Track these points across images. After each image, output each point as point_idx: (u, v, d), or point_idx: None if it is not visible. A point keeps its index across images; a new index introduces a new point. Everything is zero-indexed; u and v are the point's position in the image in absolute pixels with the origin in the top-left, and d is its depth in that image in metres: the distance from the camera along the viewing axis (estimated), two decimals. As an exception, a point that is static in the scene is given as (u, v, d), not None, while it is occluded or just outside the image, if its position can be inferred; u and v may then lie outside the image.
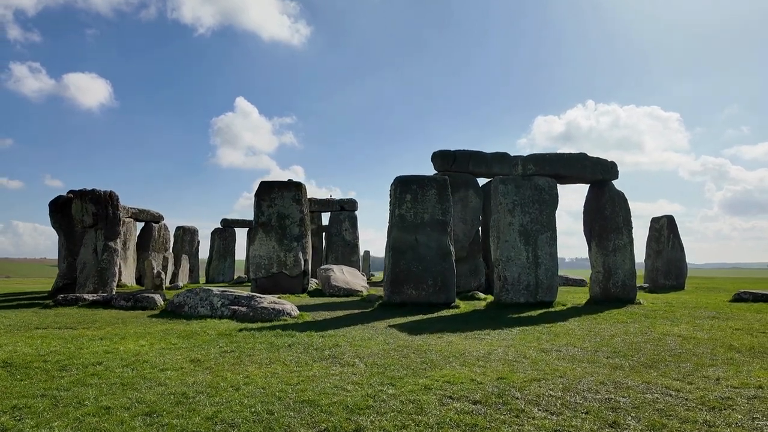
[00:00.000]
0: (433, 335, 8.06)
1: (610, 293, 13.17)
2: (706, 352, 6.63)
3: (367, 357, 6.31)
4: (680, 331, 8.28)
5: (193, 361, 6.12)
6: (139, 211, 23.97)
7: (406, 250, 12.47)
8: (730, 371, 5.46)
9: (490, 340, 7.59)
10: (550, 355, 6.41)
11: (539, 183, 12.84)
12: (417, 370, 5.56)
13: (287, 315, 10.41)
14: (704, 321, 9.62)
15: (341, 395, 4.57)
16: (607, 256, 13.33)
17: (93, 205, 14.96)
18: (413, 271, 12.39)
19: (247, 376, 5.34)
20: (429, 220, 12.61)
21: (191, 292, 11.53)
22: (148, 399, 4.54)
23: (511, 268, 12.43)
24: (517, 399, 4.41)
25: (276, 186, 17.83)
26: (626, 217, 13.57)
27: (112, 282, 14.93)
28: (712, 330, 8.46)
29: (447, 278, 12.49)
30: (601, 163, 13.55)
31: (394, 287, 12.41)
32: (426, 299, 12.32)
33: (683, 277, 20.60)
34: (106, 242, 14.99)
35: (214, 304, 10.97)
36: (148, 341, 7.50)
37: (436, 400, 4.38)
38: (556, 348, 6.86)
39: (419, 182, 12.73)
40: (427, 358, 6.20)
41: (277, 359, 6.20)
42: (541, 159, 12.96)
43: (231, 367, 5.83)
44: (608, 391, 4.61)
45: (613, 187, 13.74)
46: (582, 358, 6.22)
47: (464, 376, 5.22)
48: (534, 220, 12.64)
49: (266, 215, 17.59)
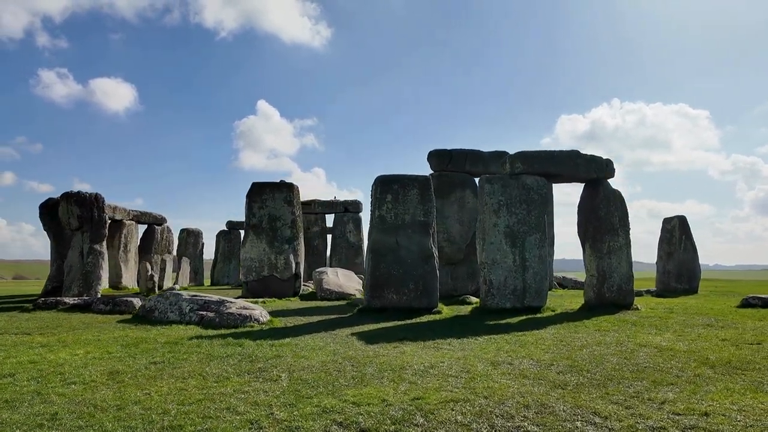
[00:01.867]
0: (391, 344, 7.55)
1: (604, 298, 12.43)
2: (674, 367, 5.99)
3: (299, 370, 5.85)
4: (660, 342, 7.61)
5: (112, 374, 5.74)
6: (141, 213, 23.95)
7: (386, 253, 11.97)
8: (685, 392, 4.83)
9: (446, 351, 7.05)
10: (498, 369, 5.86)
11: (527, 182, 12.20)
12: (338, 387, 5.08)
13: (254, 321, 10.01)
14: (695, 330, 8.90)
15: (219, 421, 4.10)
16: (601, 259, 12.59)
17: (78, 207, 14.83)
18: (394, 274, 11.88)
19: (149, 393, 4.93)
20: (410, 222, 12.08)
21: (162, 297, 11.22)
22: (15, 419, 4.16)
23: (497, 272, 11.82)
24: (415, 426, 3.89)
25: (267, 187, 17.50)
26: (622, 217, 12.81)
27: (97, 285, 14.77)
28: (696, 340, 7.76)
29: (429, 282, 11.95)
30: (595, 160, 12.82)
31: (374, 292, 11.92)
32: (407, 304, 11.80)
33: (696, 281, 19.62)
34: (92, 245, 14.83)
35: (182, 309, 10.63)
36: (86, 349, 7.18)
37: (320, 427, 3.88)
38: (510, 361, 6.29)
39: (400, 182, 12.22)
40: (360, 373, 5.71)
41: (200, 372, 5.78)
42: (530, 157, 12.31)
43: (145, 381, 5.42)
44: (525, 417, 4.05)
45: (609, 185, 13.00)
46: (530, 373, 5.64)
47: (380, 395, 4.71)
48: (521, 221, 12.00)
49: (257, 217, 17.27)
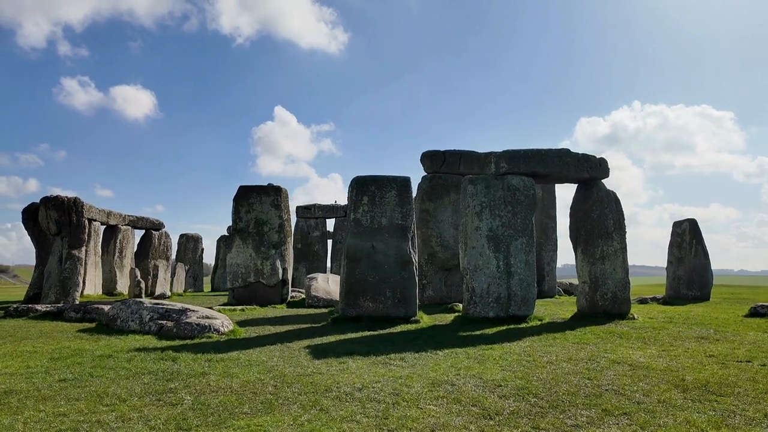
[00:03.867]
0: (338, 360, 6.90)
1: (597, 306, 11.57)
2: (640, 390, 5.21)
3: (211, 392, 5.22)
4: (638, 358, 6.80)
5: (5, 393, 5.19)
6: (137, 218, 23.68)
7: (361, 258, 11.30)
8: (633, 426, 4.07)
9: (393, 368, 6.37)
10: (434, 391, 5.15)
11: (513, 182, 11.43)
12: (233, 415, 4.44)
13: (214, 332, 9.43)
14: (685, 343, 8.05)
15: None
16: (593, 265, 11.74)
17: (56, 212, 14.49)
18: (369, 281, 11.20)
19: (19, 419, 4.35)
20: (387, 225, 11.40)
21: (124, 305, 10.73)
22: None
23: (479, 279, 11.07)
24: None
25: (255, 190, 16.98)
26: (618, 220, 11.95)
27: (75, 292, 14.39)
28: (679, 357, 6.93)
29: (407, 289, 11.24)
30: (587, 159, 11.99)
31: (348, 299, 11.26)
32: (384, 313, 11.11)
33: (708, 287, 18.53)
34: (70, 250, 14.47)
35: (143, 318, 10.12)
36: (6, 363, 6.66)
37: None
38: (454, 381, 5.58)
39: (378, 183, 11.55)
40: (276, 396, 5.06)
41: (101, 393, 5.19)
42: (516, 156, 11.54)
43: (31, 403, 4.85)
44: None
45: (603, 186, 12.15)
46: (466, 397, 4.93)
47: (270, 427, 4.05)
48: (506, 224, 11.23)
49: (244, 221, 16.77)
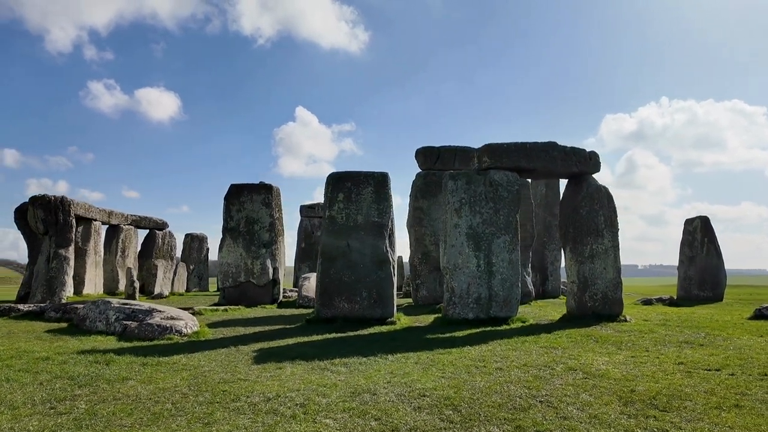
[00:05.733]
0: (278, 365, 6.51)
1: (586, 308, 10.94)
2: (579, 401, 4.69)
3: (113, 401, 4.90)
4: (599, 366, 6.24)
5: None
6: (140, 218, 23.72)
7: (336, 257, 10.90)
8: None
9: (328, 374, 5.95)
10: (348, 402, 4.71)
11: (495, 178, 10.89)
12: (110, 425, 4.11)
13: (176, 333, 9.14)
14: (663, 348, 7.43)
15: None
16: (582, 264, 11.11)
17: (42, 211, 14.45)
18: (345, 281, 10.80)
19: None
20: (363, 223, 10.97)
21: (94, 305, 10.54)
22: None
23: (459, 278, 10.56)
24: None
25: (246, 189, 16.73)
26: (609, 216, 11.29)
27: (61, 291, 14.33)
28: (646, 364, 6.34)
29: (383, 289, 10.80)
30: (576, 153, 11.36)
31: (323, 300, 10.87)
32: (360, 314, 10.69)
33: (720, 288, 17.61)
34: (57, 249, 14.41)
35: (109, 318, 9.90)
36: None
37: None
38: (378, 390, 5.13)
39: (354, 179, 11.13)
40: (176, 405, 4.69)
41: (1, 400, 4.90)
42: (498, 150, 10.99)
43: None
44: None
45: (594, 181, 11.50)
46: (376, 410, 4.48)
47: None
48: (487, 222, 10.70)
49: (235, 220, 16.53)
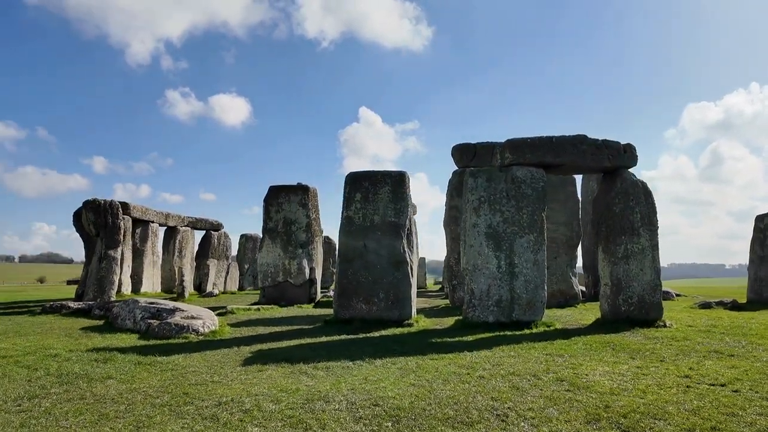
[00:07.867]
0: (263, 367, 6.51)
1: (620, 312, 10.20)
2: (542, 416, 4.30)
3: (78, 400, 5.03)
4: (592, 377, 5.74)
5: None
6: (197, 219, 24.67)
7: (353, 258, 10.79)
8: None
9: (305, 379, 5.84)
10: (295, 410, 4.58)
11: (517, 174, 10.38)
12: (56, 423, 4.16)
13: (192, 332, 9.37)
14: (685, 359, 6.75)
15: None
16: (615, 265, 10.37)
17: (93, 214, 15.29)
18: (362, 282, 10.68)
19: None
20: (380, 223, 10.80)
21: (125, 304, 11.01)
22: None
23: (479, 279, 10.15)
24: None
25: (284, 190, 16.99)
26: (646, 214, 10.48)
27: (111, 290, 15.10)
28: (648, 376, 5.76)
29: (401, 291, 10.58)
30: (608, 146, 10.63)
31: (341, 301, 10.79)
32: (377, 315, 10.53)
33: (794, 290, 15.98)
34: (106, 250, 15.21)
35: (136, 317, 10.31)
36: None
37: None
38: (336, 398, 4.95)
39: (371, 178, 10.98)
40: (129, 407, 4.74)
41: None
42: (521, 145, 10.47)
43: None
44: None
45: (629, 176, 10.71)
46: (315, 420, 4.31)
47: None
48: (508, 220, 10.22)
49: (273, 221, 16.82)
